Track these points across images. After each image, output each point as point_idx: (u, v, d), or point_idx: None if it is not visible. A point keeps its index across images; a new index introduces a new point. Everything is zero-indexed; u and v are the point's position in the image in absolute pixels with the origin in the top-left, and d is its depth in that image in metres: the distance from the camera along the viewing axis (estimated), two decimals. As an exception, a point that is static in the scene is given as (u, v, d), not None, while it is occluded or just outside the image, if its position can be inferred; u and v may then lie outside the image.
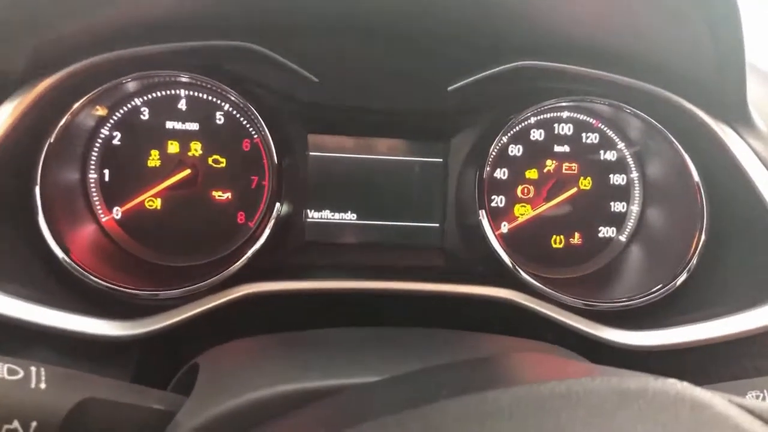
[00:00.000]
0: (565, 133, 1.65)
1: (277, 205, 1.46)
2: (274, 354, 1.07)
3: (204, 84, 1.47)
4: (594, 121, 1.65)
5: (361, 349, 1.09)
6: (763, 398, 1.02)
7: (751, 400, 0.82)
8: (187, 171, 1.52)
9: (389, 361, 1.02)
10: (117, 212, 1.54)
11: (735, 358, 1.37)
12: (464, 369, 0.88)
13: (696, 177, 1.47)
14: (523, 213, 1.65)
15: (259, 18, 1.40)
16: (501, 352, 1.06)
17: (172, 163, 1.53)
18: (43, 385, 0.90)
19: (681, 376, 1.38)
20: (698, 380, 1.35)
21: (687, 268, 1.47)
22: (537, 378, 0.78)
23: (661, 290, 1.48)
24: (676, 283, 1.47)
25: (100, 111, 1.48)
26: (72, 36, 1.27)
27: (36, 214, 1.33)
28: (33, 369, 0.91)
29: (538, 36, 1.40)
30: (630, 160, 1.67)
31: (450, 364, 0.90)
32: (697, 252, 1.47)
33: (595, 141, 1.66)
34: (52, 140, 1.34)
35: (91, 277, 1.34)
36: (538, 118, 1.64)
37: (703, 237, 1.47)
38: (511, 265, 1.48)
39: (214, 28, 1.39)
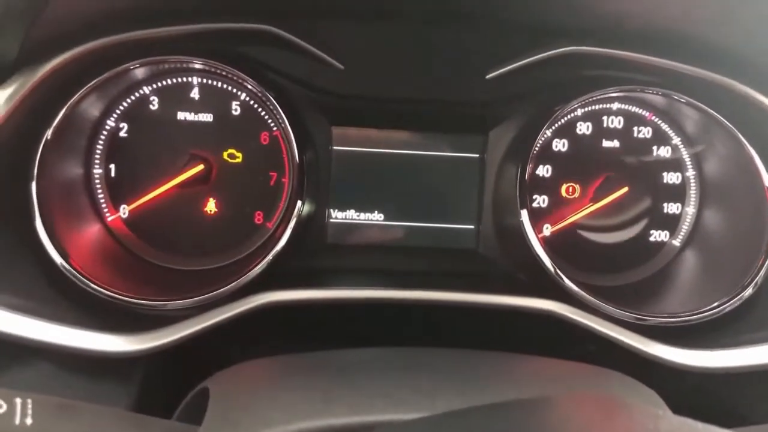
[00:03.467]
0: (615, 127, 1.51)
1: (299, 204, 1.34)
2: (294, 381, 0.95)
3: (219, 71, 1.36)
4: (647, 114, 1.51)
5: (396, 377, 0.96)
6: None
7: None
8: (201, 166, 1.40)
9: (429, 393, 0.89)
10: (124, 211, 1.43)
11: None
12: (524, 414, 0.75)
13: (766, 179, 1.33)
14: (568, 214, 1.50)
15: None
16: (566, 393, 0.92)
17: (183, 158, 1.41)
18: (29, 420, 0.80)
19: (744, 405, 1.28)
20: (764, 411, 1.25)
21: (753, 283, 1.33)
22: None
23: (723, 305, 1.34)
24: (741, 297, 1.33)
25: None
26: (73, 16, 1.16)
27: (32, 213, 1.22)
28: (18, 401, 0.81)
29: (593, 18, 1.27)
30: (686, 157, 1.52)
31: (506, 405, 0.77)
32: (766, 264, 1.33)
33: (648, 135, 1.52)
34: (50, 132, 1.24)
35: (94, 285, 1.24)
36: (586, 109, 1.50)
37: None
38: (554, 271, 1.36)
39: (229, 8, 1.28)
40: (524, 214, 1.36)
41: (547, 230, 1.51)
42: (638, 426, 0.77)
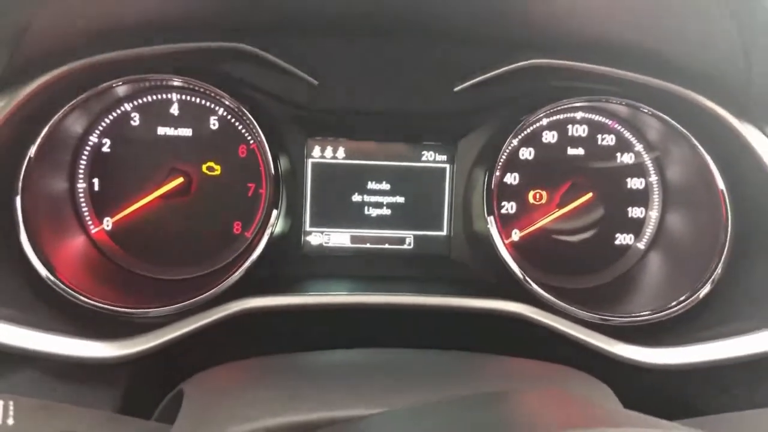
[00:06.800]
0: (580, 135, 1.56)
1: (274, 213, 1.38)
2: (264, 381, 1.00)
3: (197, 88, 1.40)
4: (610, 122, 1.56)
5: (359, 376, 1.02)
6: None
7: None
8: (180, 179, 1.44)
9: (391, 390, 0.95)
10: (108, 223, 1.47)
11: (765, 380, 1.27)
12: (479, 408, 0.80)
13: (720, 182, 1.38)
14: (536, 220, 1.55)
15: (253, 17, 1.34)
16: (519, 388, 0.97)
17: (164, 171, 1.45)
18: (11, 421, 0.85)
19: (705, 399, 1.33)
20: (723, 404, 1.30)
21: (711, 279, 1.38)
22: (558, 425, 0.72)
23: (683, 303, 1.39)
24: (699, 295, 1.39)
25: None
26: (56, 38, 1.21)
27: (17, 226, 1.27)
28: (0, 402, 0.85)
29: (552, 32, 1.33)
30: (649, 163, 1.57)
31: (462, 400, 0.82)
32: (722, 262, 1.38)
33: (612, 143, 1.57)
34: (34, 148, 1.28)
35: (78, 295, 1.28)
36: (551, 119, 1.55)
37: (727, 246, 1.38)
38: (521, 276, 1.40)
39: (205, 28, 1.33)
40: (491, 221, 1.41)
41: (516, 235, 1.56)
42: (588, 418, 0.82)
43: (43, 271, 1.27)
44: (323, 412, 0.89)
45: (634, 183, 1.58)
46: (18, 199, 1.27)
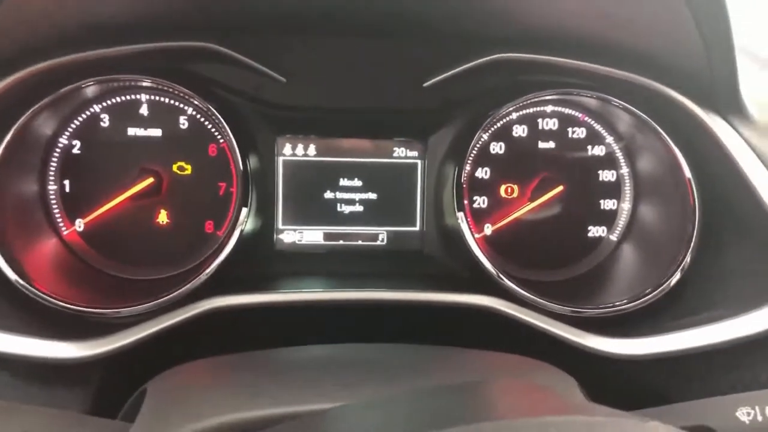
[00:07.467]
0: (550, 129, 1.57)
1: (244, 211, 1.39)
2: (226, 378, 1.01)
3: (165, 88, 1.40)
4: (580, 115, 1.57)
5: (322, 371, 1.02)
6: (755, 415, 0.94)
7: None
8: (150, 179, 1.44)
9: (353, 384, 0.95)
10: (79, 224, 1.47)
11: (733, 367, 1.28)
12: (436, 398, 0.80)
13: (687, 172, 1.38)
14: (508, 214, 1.56)
15: (220, 16, 1.34)
16: (480, 380, 0.98)
17: (135, 172, 1.45)
18: (-31, 421, 0.84)
19: (673, 388, 1.34)
20: (692, 392, 1.30)
21: (680, 268, 1.38)
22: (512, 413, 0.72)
23: (653, 293, 1.40)
24: (669, 283, 1.39)
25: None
26: (23, 39, 1.21)
27: None
28: (-41, 404, 0.85)
29: (517, 26, 1.34)
30: (619, 155, 1.58)
31: (420, 392, 0.83)
32: (690, 250, 1.38)
33: (582, 136, 1.57)
34: (1, 149, 1.28)
35: (49, 297, 1.28)
36: (521, 113, 1.55)
37: (695, 235, 1.38)
38: (493, 270, 1.41)
39: (172, 28, 1.34)
40: (461, 216, 1.41)
41: (488, 229, 1.56)
42: (552, 407, 0.82)
43: (12, 275, 1.27)
44: (282, 408, 0.89)
45: (606, 175, 1.58)
46: None
